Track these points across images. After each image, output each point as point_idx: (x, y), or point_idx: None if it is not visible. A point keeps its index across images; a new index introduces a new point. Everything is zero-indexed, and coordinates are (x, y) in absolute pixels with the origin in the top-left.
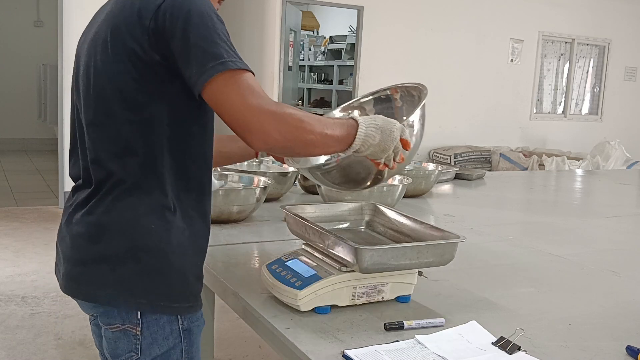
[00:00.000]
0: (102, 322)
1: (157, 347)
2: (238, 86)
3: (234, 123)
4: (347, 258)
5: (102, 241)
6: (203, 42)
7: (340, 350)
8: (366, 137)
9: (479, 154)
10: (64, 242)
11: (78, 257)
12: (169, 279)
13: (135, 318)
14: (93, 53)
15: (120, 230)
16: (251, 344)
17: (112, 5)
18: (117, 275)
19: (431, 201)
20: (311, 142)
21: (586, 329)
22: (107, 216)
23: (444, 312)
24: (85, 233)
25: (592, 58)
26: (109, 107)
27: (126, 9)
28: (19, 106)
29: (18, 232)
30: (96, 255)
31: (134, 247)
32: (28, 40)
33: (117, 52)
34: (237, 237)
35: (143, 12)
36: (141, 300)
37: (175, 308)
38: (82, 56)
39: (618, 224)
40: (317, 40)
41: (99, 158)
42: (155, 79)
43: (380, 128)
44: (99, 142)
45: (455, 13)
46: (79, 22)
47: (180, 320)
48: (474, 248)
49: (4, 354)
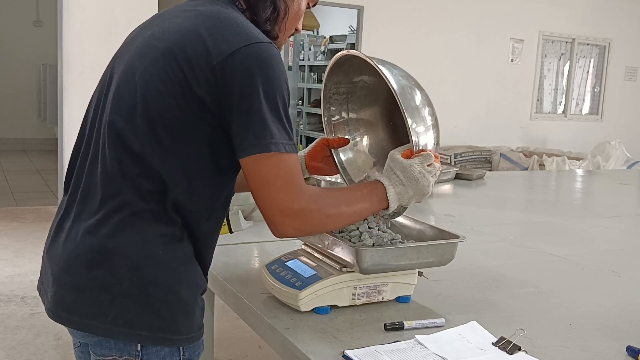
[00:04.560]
0: (94, 352)
1: None
2: (278, 170)
3: (259, 203)
4: (347, 259)
5: (104, 268)
6: (266, 113)
7: (340, 351)
8: (400, 196)
9: (479, 154)
10: (55, 262)
11: (73, 283)
12: (175, 312)
13: (134, 350)
14: (138, 66)
15: (126, 258)
16: (251, 344)
17: (167, 24)
18: (117, 305)
19: (431, 201)
20: (337, 226)
21: (587, 329)
22: (112, 240)
23: (444, 313)
24: (84, 256)
25: (592, 58)
26: (143, 125)
27: (190, 34)
28: (18, 106)
29: (18, 232)
30: (95, 283)
31: (140, 278)
32: (28, 40)
33: (170, 72)
34: (237, 237)
35: (212, 47)
36: (142, 332)
37: (178, 340)
38: (119, 65)
39: (618, 224)
40: (317, 40)
41: (112, 172)
42: (200, 115)
43: (405, 183)
44: (117, 156)
45: (455, 13)
46: (79, 22)
47: (182, 351)
48: (474, 248)
49: (3, 354)
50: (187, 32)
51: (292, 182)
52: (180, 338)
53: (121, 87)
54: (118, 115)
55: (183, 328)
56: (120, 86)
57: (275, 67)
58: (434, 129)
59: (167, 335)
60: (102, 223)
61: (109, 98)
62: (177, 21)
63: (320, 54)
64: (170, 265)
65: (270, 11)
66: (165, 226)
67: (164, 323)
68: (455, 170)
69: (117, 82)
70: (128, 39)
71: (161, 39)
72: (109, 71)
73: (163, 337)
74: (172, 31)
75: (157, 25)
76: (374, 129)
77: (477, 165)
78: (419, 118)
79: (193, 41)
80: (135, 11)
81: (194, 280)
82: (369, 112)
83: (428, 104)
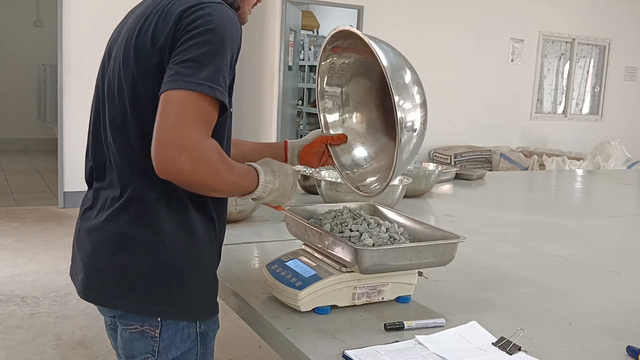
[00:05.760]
0: (120, 323)
1: (174, 350)
2: (188, 107)
3: (156, 136)
4: (347, 259)
5: (126, 251)
6: (202, 57)
7: (340, 351)
8: (265, 185)
9: (479, 154)
10: (84, 248)
11: (99, 266)
12: (191, 290)
13: (155, 321)
14: (125, 61)
15: (144, 242)
16: (251, 344)
17: (142, 10)
18: (139, 286)
19: (431, 201)
20: (215, 188)
21: (587, 330)
22: (131, 226)
23: (444, 313)
24: (108, 242)
25: (592, 58)
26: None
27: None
28: (18, 106)
29: (18, 232)
30: (118, 265)
31: (159, 261)
32: (28, 40)
33: (146, 65)
34: (237, 237)
35: (169, 16)
36: (164, 308)
37: (195, 314)
38: (113, 58)
39: (618, 224)
40: (317, 40)
41: (122, 164)
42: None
43: (276, 174)
44: (126, 147)
45: (455, 13)
46: (79, 22)
47: (199, 324)
48: (474, 248)
49: (3, 354)
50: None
51: (204, 123)
52: (198, 313)
53: (111, 86)
54: (114, 112)
55: (199, 304)
56: (110, 85)
57: (223, 22)
58: (422, 108)
59: (186, 310)
60: (121, 210)
61: (115, 95)
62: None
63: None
64: (185, 247)
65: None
66: (176, 210)
67: (180, 300)
68: (455, 170)
69: (107, 80)
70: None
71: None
72: (108, 58)
73: (180, 312)
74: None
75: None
76: (365, 107)
77: (477, 165)
78: (407, 95)
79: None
80: None
81: (207, 260)
82: (361, 90)
83: (417, 83)
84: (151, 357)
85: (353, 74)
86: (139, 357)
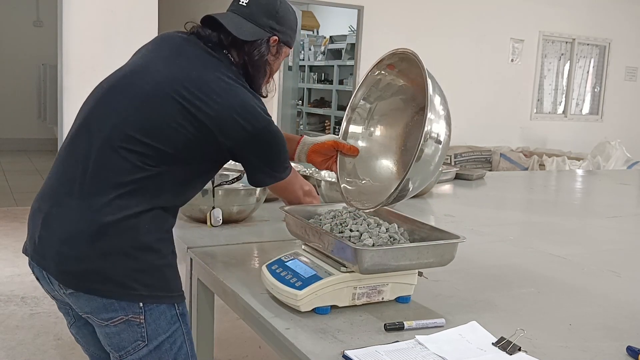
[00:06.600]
0: (102, 319)
1: (163, 332)
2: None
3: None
4: (347, 259)
5: (103, 239)
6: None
7: (340, 351)
8: None
9: (480, 154)
10: (56, 233)
11: (78, 255)
12: (165, 273)
13: (137, 308)
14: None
15: (120, 229)
16: (251, 344)
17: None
18: (118, 270)
19: (431, 201)
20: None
21: (587, 330)
22: (111, 217)
23: (444, 313)
24: (87, 230)
25: (592, 58)
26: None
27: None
28: (18, 106)
29: (18, 232)
30: (97, 253)
31: (133, 246)
32: (28, 40)
33: (170, 95)
34: (237, 237)
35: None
36: (142, 292)
37: (172, 297)
38: (139, 67)
39: (618, 224)
40: (317, 40)
41: (104, 157)
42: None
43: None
44: (109, 144)
45: (455, 13)
46: (79, 22)
47: (177, 306)
48: (474, 248)
49: (3, 354)
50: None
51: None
52: (174, 295)
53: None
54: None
55: (174, 287)
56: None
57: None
58: (444, 147)
59: (164, 293)
60: (102, 202)
61: (124, 96)
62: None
63: (320, 54)
64: (156, 233)
65: (263, 76)
66: (151, 200)
67: (157, 282)
68: (455, 170)
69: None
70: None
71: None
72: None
73: (161, 295)
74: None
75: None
76: (387, 133)
77: (477, 165)
78: (436, 125)
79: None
80: (135, 11)
81: (172, 245)
82: (390, 118)
83: (448, 122)
84: (142, 343)
85: (391, 96)
86: (129, 346)
